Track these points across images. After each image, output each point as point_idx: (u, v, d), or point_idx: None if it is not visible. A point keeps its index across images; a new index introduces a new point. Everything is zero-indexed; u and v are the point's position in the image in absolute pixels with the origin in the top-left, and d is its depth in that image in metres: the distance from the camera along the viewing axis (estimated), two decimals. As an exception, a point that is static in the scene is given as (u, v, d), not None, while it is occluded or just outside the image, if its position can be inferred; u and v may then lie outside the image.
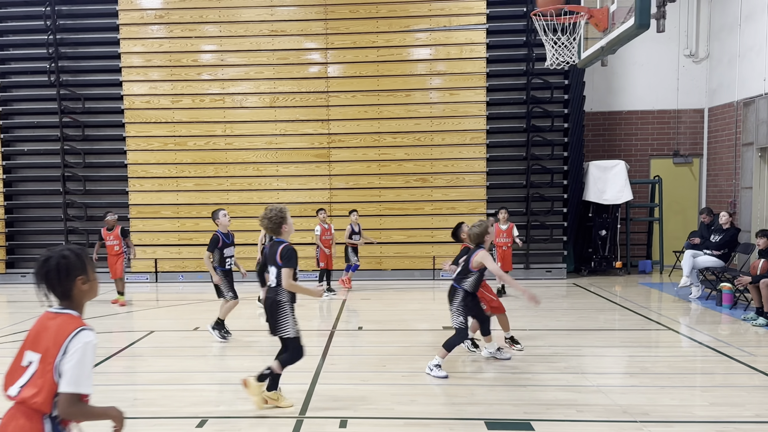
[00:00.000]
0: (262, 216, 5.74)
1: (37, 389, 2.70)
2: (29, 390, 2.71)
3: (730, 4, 14.05)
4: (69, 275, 2.81)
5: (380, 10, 14.20)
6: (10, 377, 2.80)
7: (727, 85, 14.28)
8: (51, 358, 2.70)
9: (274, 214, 5.67)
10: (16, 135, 15.18)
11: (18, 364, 2.80)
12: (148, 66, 14.54)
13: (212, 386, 6.85)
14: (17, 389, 2.75)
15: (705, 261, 11.46)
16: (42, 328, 2.80)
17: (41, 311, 2.88)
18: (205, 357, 8.08)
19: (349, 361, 7.71)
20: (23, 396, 2.72)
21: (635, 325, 9.56)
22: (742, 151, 13.51)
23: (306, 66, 14.45)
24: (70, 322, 2.78)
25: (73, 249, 2.87)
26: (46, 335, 2.76)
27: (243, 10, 14.34)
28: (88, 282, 2.88)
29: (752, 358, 7.44)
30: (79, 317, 2.83)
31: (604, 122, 15.65)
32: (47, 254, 2.83)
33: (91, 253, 11.44)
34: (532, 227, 14.30)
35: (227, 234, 8.67)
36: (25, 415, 2.72)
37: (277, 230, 5.71)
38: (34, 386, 2.71)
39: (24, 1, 14.78)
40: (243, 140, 14.53)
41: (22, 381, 2.75)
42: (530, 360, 7.49)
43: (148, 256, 14.66)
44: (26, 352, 2.80)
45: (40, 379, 2.71)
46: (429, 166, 14.36)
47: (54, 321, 2.79)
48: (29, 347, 2.79)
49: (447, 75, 14.28)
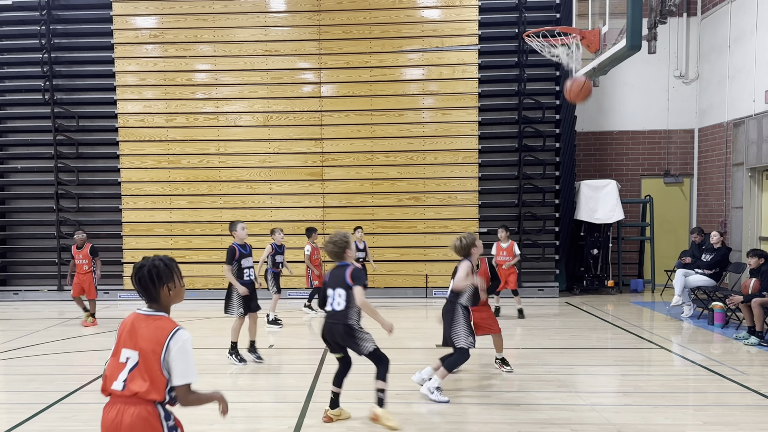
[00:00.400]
0: (327, 241, 5.93)
1: (147, 383, 3.14)
2: (139, 384, 3.14)
3: (719, 26, 14.26)
4: (158, 281, 3.26)
5: (373, 30, 14.34)
6: (112, 374, 3.20)
7: (716, 105, 14.46)
8: (155, 355, 3.15)
9: (339, 239, 5.87)
10: (10, 152, 15.19)
11: (117, 361, 3.21)
12: (143, 85, 14.60)
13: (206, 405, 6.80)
14: (121, 384, 3.17)
15: (696, 280, 11.53)
16: (134, 327, 3.23)
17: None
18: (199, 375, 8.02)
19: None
20: (134, 390, 3.14)
21: (628, 343, 9.59)
22: (732, 171, 13.65)
23: (299, 85, 14.55)
24: (166, 323, 3.24)
25: (164, 259, 3.31)
26: (144, 334, 3.19)
27: (237, 30, 14.46)
28: (174, 289, 3.32)
29: (745, 377, 7.47)
30: (170, 318, 3.29)
31: (595, 142, 15.78)
32: (142, 262, 3.28)
33: (74, 271, 11.50)
34: (524, 246, 14.33)
35: (244, 245, 8.42)
36: (140, 404, 3.15)
37: (341, 255, 5.87)
38: (142, 380, 3.14)
39: (19, 19, 14.87)
40: (236, 158, 14.58)
41: (123, 376, 3.17)
42: (524, 379, 7.51)
43: (140, 274, 14.59)
44: (123, 349, 3.21)
45: (147, 374, 3.14)
46: (422, 185, 14.44)
47: (149, 322, 3.24)
48: (124, 345, 3.21)
49: (439, 95, 14.40)
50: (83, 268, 11.45)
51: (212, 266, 14.52)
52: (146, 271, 3.24)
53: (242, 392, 7.18)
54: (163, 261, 3.30)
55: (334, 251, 5.87)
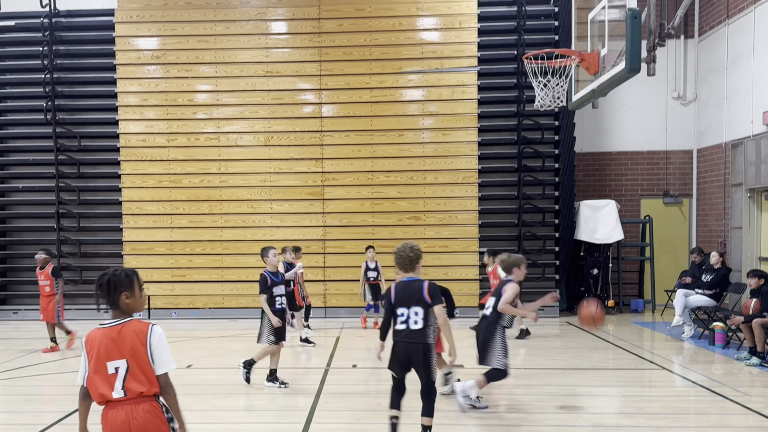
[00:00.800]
0: (398, 250, 5.52)
1: (145, 380, 3.50)
2: (137, 385, 3.48)
3: (716, 48, 14.39)
4: (117, 289, 3.56)
5: (373, 52, 14.47)
6: (104, 385, 3.48)
7: (715, 126, 14.55)
8: (143, 353, 3.50)
9: (411, 247, 5.49)
10: (11, 172, 15.25)
11: (105, 374, 3.49)
12: (144, 105, 14.69)
13: (206, 425, 6.79)
14: (121, 391, 3.48)
15: (697, 300, 11.53)
16: (111, 340, 3.50)
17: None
18: (199, 395, 8.02)
19: (344, 400, 7.67)
20: (137, 390, 3.48)
21: (629, 364, 9.57)
22: (731, 191, 13.70)
23: (300, 106, 14.65)
24: (139, 325, 3.57)
25: (126, 270, 3.63)
26: (125, 342, 3.50)
27: (238, 51, 14.58)
28: (132, 297, 3.60)
29: (746, 398, 7.46)
30: (139, 320, 3.60)
31: (594, 162, 15.85)
32: (105, 272, 3.60)
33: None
34: (524, 266, 14.35)
35: (276, 273, 8.20)
36: (146, 401, 3.52)
37: (413, 266, 5.48)
38: (138, 381, 3.49)
39: (22, 40, 15.00)
40: (237, 178, 14.63)
41: (119, 384, 3.48)
42: (525, 399, 7.49)
43: (140, 294, 14.59)
44: (107, 363, 3.48)
45: (142, 373, 3.50)
46: (422, 205, 14.48)
47: (122, 329, 3.53)
48: (107, 359, 3.48)
49: (439, 115, 14.49)
50: (45, 289, 10.70)
51: (213, 285, 14.52)
52: (107, 280, 3.57)
53: (243, 413, 7.16)
54: (124, 271, 3.63)
55: (404, 263, 5.47)
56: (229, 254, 14.59)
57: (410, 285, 5.46)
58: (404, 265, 5.49)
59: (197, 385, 8.41)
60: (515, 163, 14.49)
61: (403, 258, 5.47)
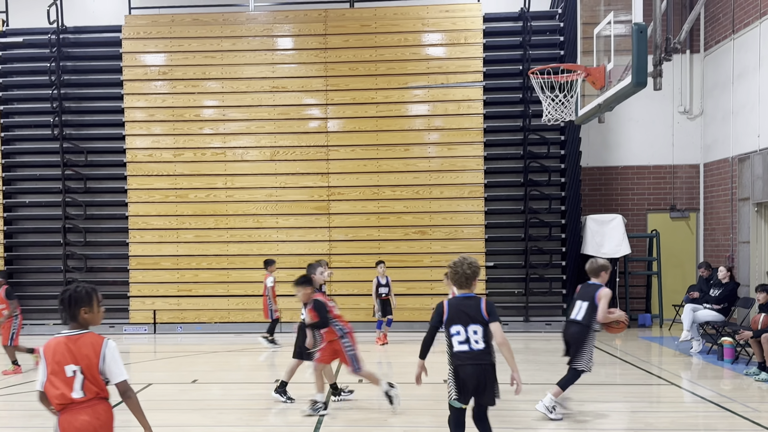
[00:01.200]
0: (454, 265, 5.18)
1: (97, 386, 3.83)
2: (93, 389, 3.81)
3: (722, 62, 14.39)
4: (76, 304, 3.85)
5: (379, 67, 14.52)
6: (64, 386, 3.78)
7: (721, 141, 14.52)
8: (94, 365, 3.80)
9: (470, 263, 5.15)
10: (18, 187, 15.31)
11: (63, 376, 3.78)
12: (151, 120, 14.77)
13: None
14: (80, 392, 3.79)
15: (705, 315, 11.44)
16: (68, 347, 3.80)
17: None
18: (204, 410, 7.98)
19: (349, 416, 7.61)
20: (95, 391, 3.82)
21: (637, 379, 9.50)
22: (738, 206, 13.65)
23: (306, 121, 14.70)
24: (93, 338, 3.86)
25: (86, 286, 3.92)
26: (80, 351, 3.80)
27: (245, 67, 14.66)
28: (90, 312, 3.90)
29: (756, 414, 7.37)
30: (94, 333, 3.88)
31: (600, 177, 15.83)
32: (67, 287, 3.89)
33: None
34: (531, 280, 14.32)
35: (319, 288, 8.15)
36: (102, 402, 3.89)
37: (470, 282, 5.14)
38: (94, 385, 3.82)
39: (30, 56, 15.12)
40: (243, 192, 14.66)
41: (78, 386, 3.79)
42: (533, 415, 7.42)
43: (147, 308, 14.61)
44: (65, 366, 3.77)
45: (95, 380, 3.81)
46: (428, 219, 14.47)
47: (78, 340, 3.83)
48: (65, 362, 3.78)
49: (445, 130, 14.52)
50: (2, 313, 10.27)
51: (218, 300, 14.51)
52: (68, 295, 3.85)
53: (248, 428, 7.12)
54: (85, 288, 3.90)
55: (461, 280, 5.14)
56: (235, 269, 14.58)
57: (466, 302, 5.12)
58: (460, 282, 5.17)
59: (203, 400, 8.38)
60: (521, 177, 14.48)
61: (459, 275, 5.14)
